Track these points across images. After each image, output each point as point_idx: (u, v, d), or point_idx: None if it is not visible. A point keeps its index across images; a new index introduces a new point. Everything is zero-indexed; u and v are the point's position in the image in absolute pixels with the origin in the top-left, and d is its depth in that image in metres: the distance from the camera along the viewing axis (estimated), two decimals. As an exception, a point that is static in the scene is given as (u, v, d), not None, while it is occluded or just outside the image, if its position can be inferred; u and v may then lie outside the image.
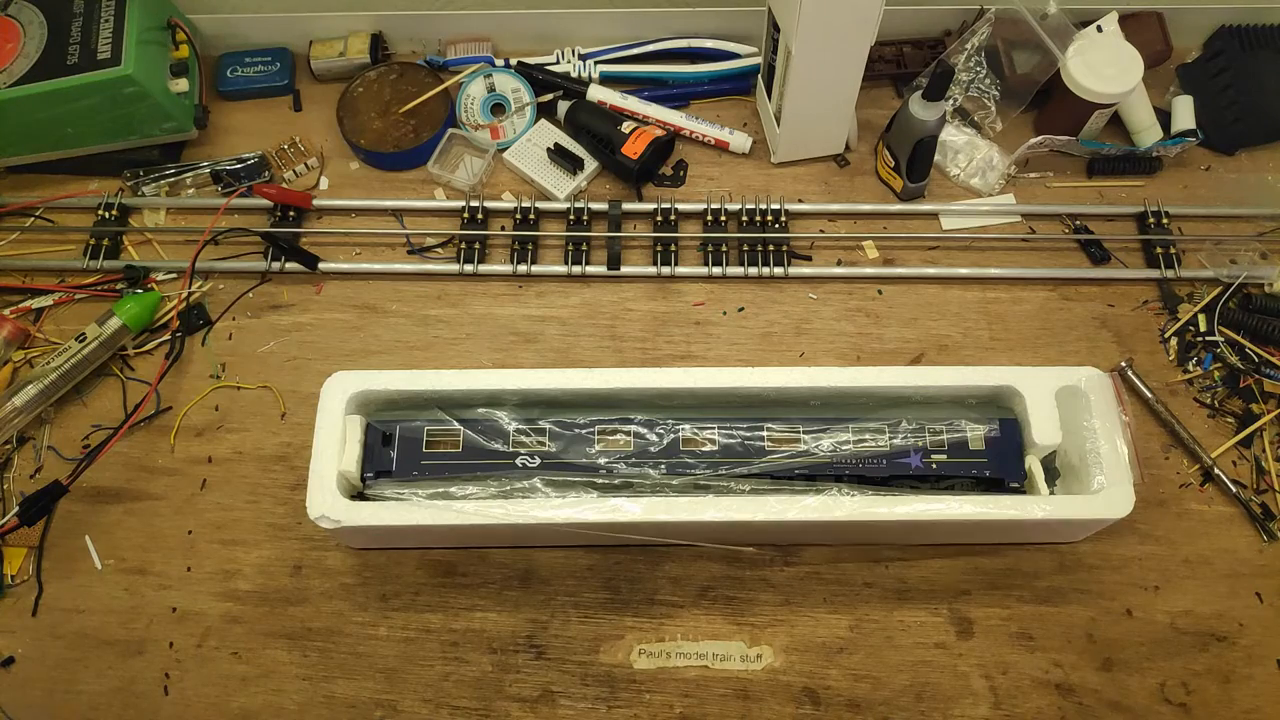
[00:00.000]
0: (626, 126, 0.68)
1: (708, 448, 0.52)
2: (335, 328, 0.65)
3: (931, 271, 0.66)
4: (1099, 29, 0.67)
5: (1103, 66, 0.65)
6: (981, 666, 0.53)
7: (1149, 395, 0.61)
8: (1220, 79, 0.69)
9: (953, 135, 0.70)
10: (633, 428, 0.52)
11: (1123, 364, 0.62)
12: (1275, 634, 0.45)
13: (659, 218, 0.68)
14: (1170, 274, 0.65)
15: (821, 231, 0.68)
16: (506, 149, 0.71)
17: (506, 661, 0.53)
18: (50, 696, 0.53)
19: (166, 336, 0.64)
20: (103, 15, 0.65)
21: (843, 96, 0.66)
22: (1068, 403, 0.51)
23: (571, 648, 0.54)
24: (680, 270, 0.66)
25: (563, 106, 0.72)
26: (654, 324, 0.65)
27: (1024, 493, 0.51)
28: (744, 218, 0.67)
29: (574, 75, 0.74)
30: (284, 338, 0.64)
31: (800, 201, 0.69)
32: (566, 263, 0.66)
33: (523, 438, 0.52)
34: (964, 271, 0.66)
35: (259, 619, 0.54)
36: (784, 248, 0.66)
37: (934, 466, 0.51)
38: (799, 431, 0.52)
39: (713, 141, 0.71)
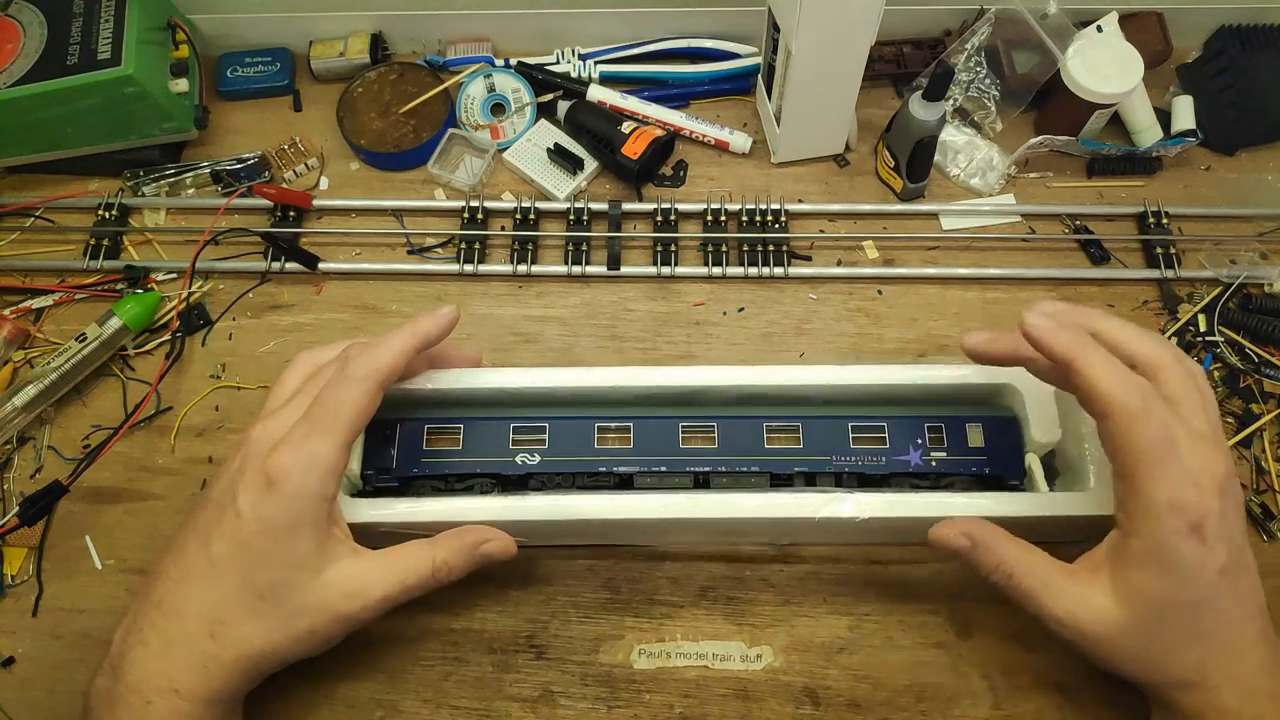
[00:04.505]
0: (626, 126, 0.68)
1: (707, 446, 0.52)
2: (335, 328, 0.65)
3: (931, 271, 0.66)
4: (1099, 29, 0.68)
5: (1103, 66, 0.65)
6: (981, 666, 0.53)
7: (1149, 395, 0.61)
8: (1220, 79, 0.69)
9: (953, 135, 0.70)
10: (632, 426, 0.52)
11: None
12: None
13: (659, 218, 0.68)
14: (1170, 274, 0.65)
15: (821, 231, 0.68)
16: (506, 149, 0.71)
17: (506, 661, 0.53)
18: (50, 696, 0.53)
19: (166, 336, 0.64)
20: (103, 15, 0.66)
21: (843, 96, 0.66)
22: (1067, 400, 0.51)
23: (571, 648, 0.54)
24: (680, 270, 0.66)
25: (563, 106, 0.72)
26: (654, 324, 0.65)
27: (1023, 490, 0.51)
28: (744, 218, 0.67)
29: (574, 75, 0.74)
30: (284, 338, 0.64)
31: (800, 201, 0.69)
32: (566, 263, 0.66)
33: (522, 436, 0.52)
34: (964, 271, 0.66)
35: (259, 619, 0.54)
36: (784, 248, 0.66)
37: (933, 464, 0.51)
38: (798, 430, 0.52)
39: (713, 141, 0.71)
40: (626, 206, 0.68)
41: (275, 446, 0.44)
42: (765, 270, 0.66)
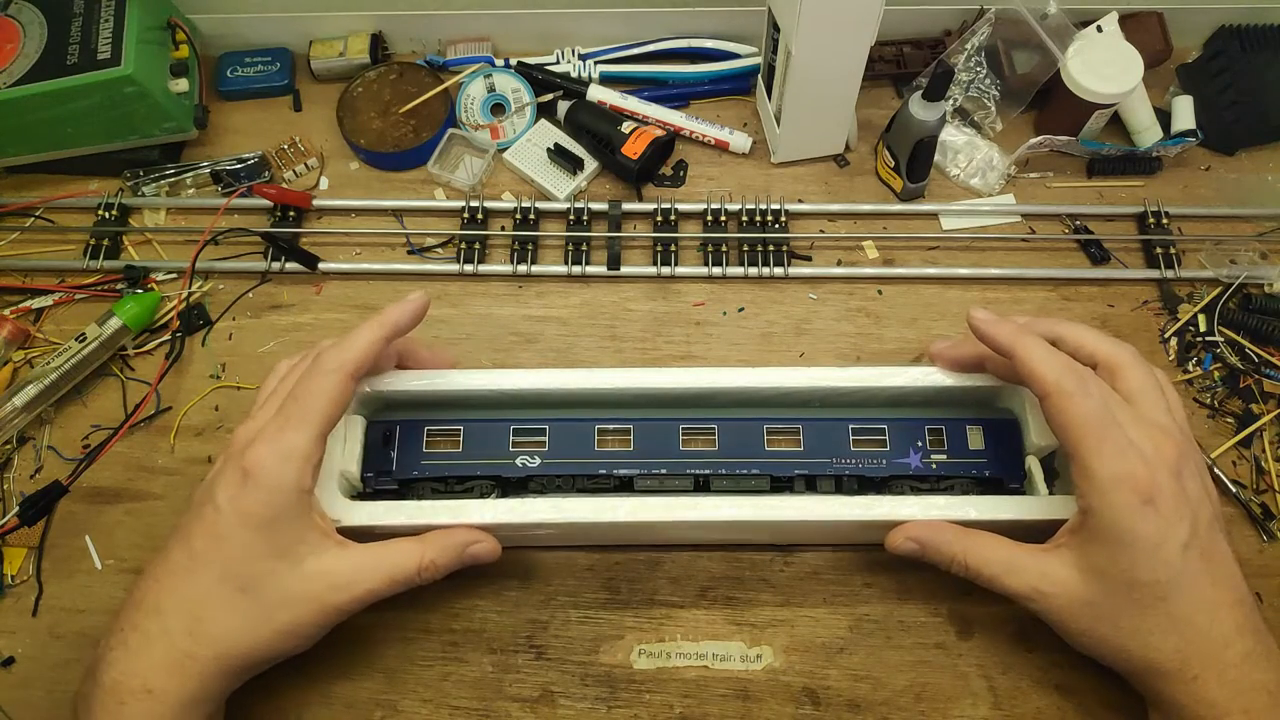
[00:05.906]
0: (626, 126, 0.68)
1: (707, 448, 0.52)
2: (335, 328, 0.65)
3: (931, 271, 0.66)
4: (1099, 29, 0.68)
5: (1103, 66, 0.65)
6: (981, 666, 0.53)
7: (1149, 395, 0.61)
8: (1220, 79, 0.69)
9: (953, 135, 0.70)
10: (633, 428, 0.52)
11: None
12: (1275, 634, 0.45)
13: (659, 218, 0.68)
14: (1170, 274, 0.65)
15: (821, 231, 0.68)
16: (506, 149, 0.71)
17: (506, 661, 0.53)
18: (50, 696, 0.53)
19: (166, 336, 0.64)
20: (103, 15, 0.66)
21: (843, 96, 0.66)
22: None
23: (571, 648, 0.54)
24: (680, 270, 0.66)
25: (563, 106, 0.72)
26: (654, 324, 0.65)
27: (1023, 493, 0.51)
28: (744, 218, 0.67)
29: (574, 75, 0.74)
30: (284, 338, 0.64)
31: (800, 201, 0.69)
32: (566, 263, 0.66)
33: (522, 438, 0.52)
34: (964, 271, 0.66)
35: (259, 619, 0.54)
36: (784, 248, 0.66)
37: (934, 466, 0.51)
38: (799, 432, 0.52)
39: (713, 141, 0.71)
40: (626, 206, 0.68)
41: (250, 441, 0.44)
42: (765, 270, 0.66)
